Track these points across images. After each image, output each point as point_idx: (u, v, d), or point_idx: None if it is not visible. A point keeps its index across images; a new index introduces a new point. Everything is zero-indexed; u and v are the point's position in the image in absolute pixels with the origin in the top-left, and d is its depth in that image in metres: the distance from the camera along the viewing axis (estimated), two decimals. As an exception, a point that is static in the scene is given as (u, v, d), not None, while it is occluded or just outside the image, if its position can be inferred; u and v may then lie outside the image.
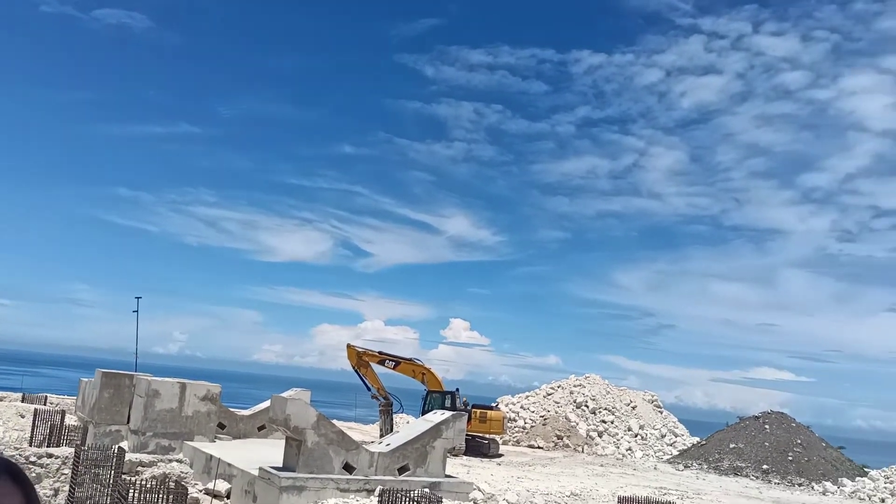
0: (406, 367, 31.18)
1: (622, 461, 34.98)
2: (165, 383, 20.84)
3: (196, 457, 19.39)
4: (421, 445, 17.04)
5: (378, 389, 30.75)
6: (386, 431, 30.20)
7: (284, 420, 15.45)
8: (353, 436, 18.15)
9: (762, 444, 35.01)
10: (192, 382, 21.49)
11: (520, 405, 42.17)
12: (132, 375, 23.28)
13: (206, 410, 21.06)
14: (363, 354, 30.53)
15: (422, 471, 16.88)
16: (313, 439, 15.51)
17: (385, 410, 30.84)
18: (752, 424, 37.44)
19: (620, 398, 43.34)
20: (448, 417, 17.69)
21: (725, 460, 34.50)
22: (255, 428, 23.58)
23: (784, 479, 32.15)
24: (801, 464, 33.35)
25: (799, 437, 35.44)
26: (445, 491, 16.56)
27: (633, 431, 40.15)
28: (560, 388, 43.58)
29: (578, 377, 45.24)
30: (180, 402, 20.67)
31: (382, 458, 16.43)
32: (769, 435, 35.67)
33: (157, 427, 20.22)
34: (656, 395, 47.60)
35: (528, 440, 38.45)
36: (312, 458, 15.48)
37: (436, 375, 31.39)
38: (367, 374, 30.45)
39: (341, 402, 54.59)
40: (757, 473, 32.91)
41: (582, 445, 37.61)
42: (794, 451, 34.16)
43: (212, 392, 21.39)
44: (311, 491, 15.13)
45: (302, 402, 16.11)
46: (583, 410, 40.85)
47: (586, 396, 41.90)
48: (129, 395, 22.39)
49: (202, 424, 20.92)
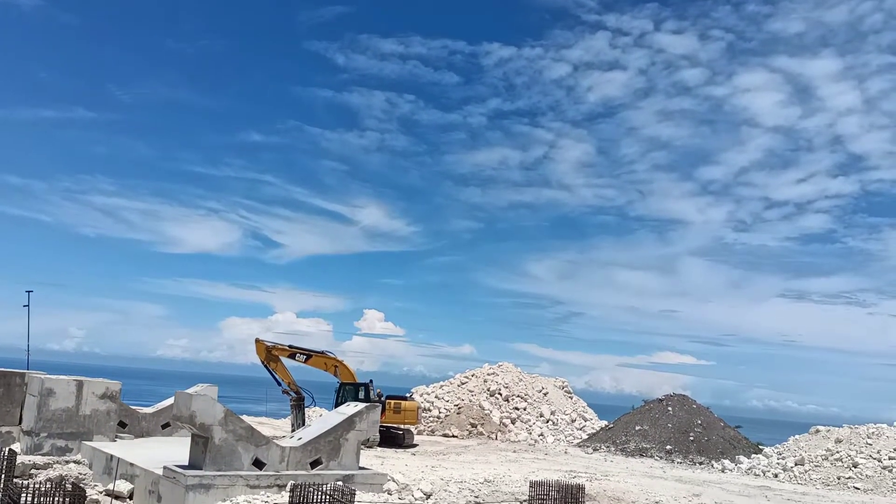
0: (318, 360, 30.75)
1: (534, 446, 35.73)
2: (60, 381, 19.74)
3: (95, 457, 18.49)
4: (334, 438, 16.82)
5: (289, 384, 30.21)
6: (298, 426, 29.72)
7: (189, 417, 14.90)
8: (265, 431, 17.74)
9: (665, 426, 36.51)
10: (90, 380, 20.45)
11: (434, 395, 42.40)
12: (24, 373, 22.01)
13: (105, 409, 20.11)
14: (273, 349, 29.89)
15: (335, 464, 16.67)
16: (221, 436, 15.04)
17: (297, 405, 30.34)
18: (656, 407, 38.99)
19: (532, 385, 44.25)
20: (361, 409, 17.53)
21: (632, 442, 35.80)
22: (159, 426, 22.70)
23: (686, 459, 33.65)
24: (702, 443, 35.00)
25: (699, 418, 37.16)
26: (359, 483, 16.42)
27: (544, 417, 41.08)
28: (474, 377, 44.07)
29: (492, 365, 45.86)
30: (77, 401, 19.64)
31: (294, 453, 16.12)
32: (672, 417, 37.24)
33: (52, 427, 19.15)
34: (567, 381, 48.87)
35: (442, 429, 38.72)
36: (220, 455, 15.01)
37: (348, 367, 31.10)
38: (277, 368, 29.84)
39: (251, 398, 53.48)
40: (661, 454, 34.30)
41: (496, 433, 38.18)
42: (695, 432, 35.80)
43: (111, 389, 20.43)
44: (218, 489, 14.67)
45: (208, 398, 15.58)
46: (496, 398, 41.47)
47: (499, 384, 42.55)
48: (21, 394, 21.16)
49: (101, 423, 19.96)
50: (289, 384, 30.22)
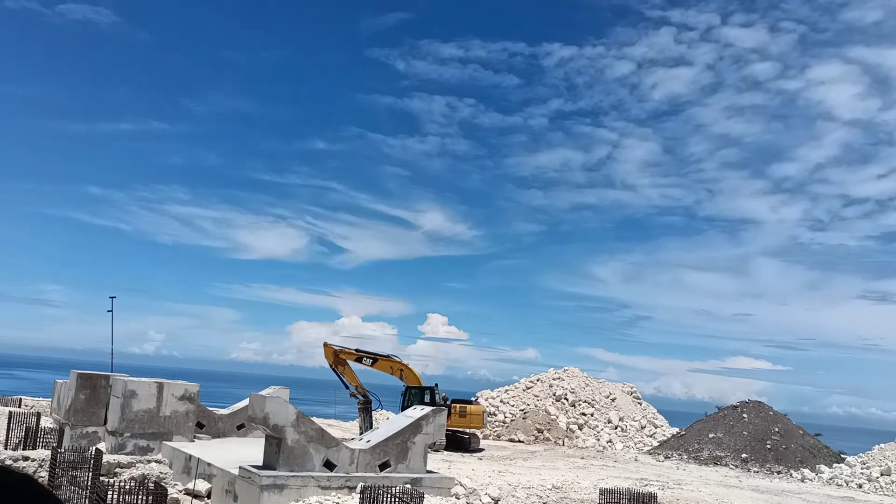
0: (383, 363, 31.05)
1: (603, 453, 35.21)
2: (142, 383, 20.56)
3: (175, 457, 19.16)
4: (401, 441, 16.98)
5: (356, 387, 30.60)
6: (365, 429, 30.07)
7: (263, 418, 15.30)
8: (333, 433, 18.05)
9: (741, 434, 35.42)
10: (170, 382, 21.22)
11: (499, 399, 42.27)
12: (108, 376, 22.94)
13: (184, 410, 20.82)
14: (340, 352, 30.33)
15: (403, 467, 16.83)
16: (293, 437, 15.39)
17: (364, 408, 30.70)
18: (730, 414, 37.87)
19: (600, 390, 43.61)
20: (428, 413, 17.64)
21: (705, 450, 34.86)
22: (235, 427, 23.36)
23: (763, 467, 32.56)
24: (780, 451, 33.80)
25: (776, 426, 35.90)
26: (427, 486, 16.52)
27: (613, 423, 40.42)
28: (539, 382, 43.74)
29: (557, 370, 45.43)
30: (158, 402, 20.41)
31: (363, 455, 16.35)
32: (747, 424, 36.09)
33: (134, 428, 19.96)
34: (635, 386, 47.98)
35: (508, 434, 38.56)
36: (293, 456, 15.36)
37: (414, 371, 31.31)
38: (344, 371, 30.28)
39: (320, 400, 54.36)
40: (736, 462, 33.29)
41: (562, 438, 37.78)
42: (772, 440, 34.60)
43: (190, 391, 21.14)
44: (292, 489, 15.02)
45: (281, 400, 15.98)
46: (562, 403, 41.04)
47: (565, 389, 42.09)
48: (106, 396, 22.06)
49: (181, 424, 20.68)
50: (356, 387, 30.62)
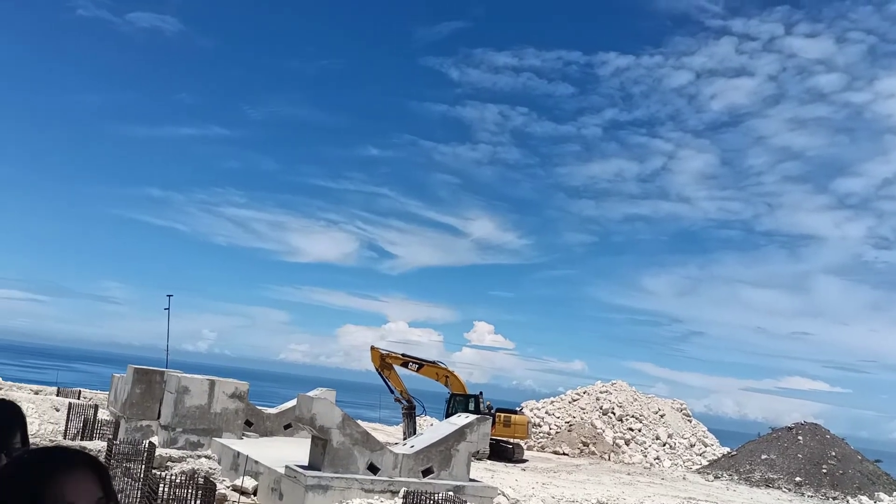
0: (429, 369, 31.14)
1: (650, 470, 34.56)
2: (195, 380, 21.06)
3: (224, 453, 19.56)
4: (445, 448, 17.00)
5: (401, 392, 30.76)
6: (409, 434, 30.17)
7: (310, 419, 15.51)
8: (377, 437, 18.17)
9: (795, 456, 34.35)
10: (221, 380, 21.69)
11: (545, 410, 41.92)
12: (163, 372, 23.56)
13: (234, 408, 21.25)
14: (387, 357, 30.55)
15: (446, 474, 16.83)
16: (338, 439, 15.56)
17: (408, 413, 30.83)
18: (784, 435, 36.77)
19: (648, 406, 42.84)
20: (472, 421, 17.62)
21: (757, 471, 33.90)
22: (282, 426, 23.73)
23: (818, 492, 31.50)
24: (836, 476, 32.65)
25: (833, 450, 34.70)
26: (470, 495, 16.48)
27: (661, 440, 39.64)
28: (586, 394, 43.21)
29: (605, 383, 44.82)
30: (209, 399, 20.88)
31: (407, 460, 16.41)
32: (802, 446, 34.98)
33: (186, 423, 20.44)
34: (685, 403, 47.01)
35: (552, 446, 38.18)
36: (338, 457, 15.53)
37: (459, 378, 31.30)
38: (390, 376, 30.47)
39: (365, 403, 54.78)
40: (789, 486, 32.28)
41: (608, 453, 37.23)
42: (828, 464, 33.44)
43: (240, 389, 21.57)
44: (336, 490, 15.17)
45: (327, 402, 16.18)
46: (609, 417, 40.45)
47: (613, 403, 41.48)
48: (160, 391, 22.66)
49: (230, 421, 21.10)
50: (401, 392, 30.78)
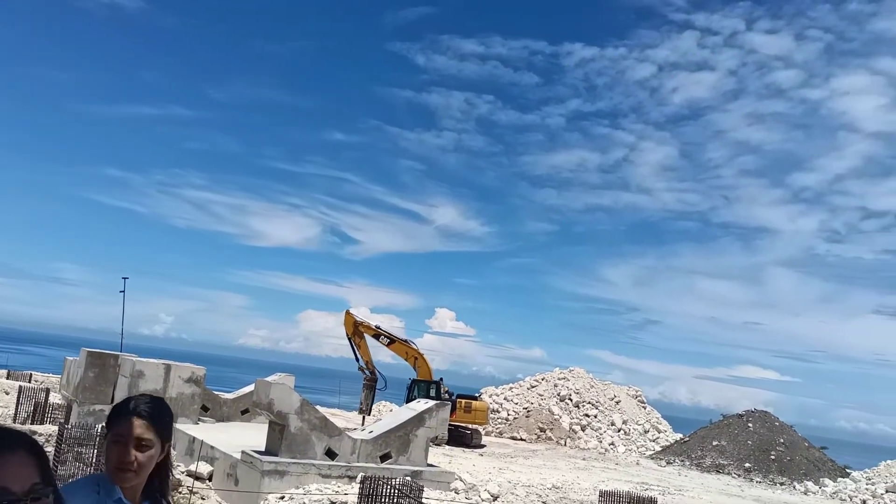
0: (399, 346, 31.09)
1: (604, 455, 35.17)
2: (150, 364, 20.76)
3: (179, 438, 19.33)
4: (404, 434, 17.05)
5: (367, 363, 30.66)
6: (366, 407, 30.26)
7: (268, 404, 15.41)
8: (336, 422, 18.14)
9: (745, 443, 35.27)
10: (177, 364, 21.42)
11: (503, 396, 42.30)
12: (117, 355, 23.19)
13: (190, 392, 21.01)
14: (360, 325, 30.42)
15: (404, 459, 16.90)
16: (296, 424, 15.49)
17: (369, 385, 30.77)
18: (735, 422, 37.70)
19: (604, 392, 43.53)
20: (431, 406, 17.70)
21: (708, 457, 34.74)
22: (239, 411, 23.54)
23: (766, 478, 32.41)
24: (784, 463, 33.63)
25: (782, 437, 35.72)
26: (427, 480, 16.58)
27: (616, 426, 40.35)
28: (544, 381, 43.70)
29: (563, 370, 45.35)
30: (165, 384, 20.60)
31: (365, 445, 16.43)
32: (752, 433, 35.93)
33: (140, 408, 20.14)
34: (640, 390, 47.85)
35: (510, 432, 38.59)
36: (295, 443, 15.46)
37: (427, 362, 31.35)
38: (360, 344, 30.38)
39: (325, 389, 54.64)
40: (739, 471, 33.15)
41: (564, 438, 37.77)
42: (776, 450, 34.43)
43: (196, 374, 21.33)
44: (292, 476, 15.12)
45: (286, 387, 16.08)
46: (566, 404, 41.00)
47: (570, 390, 42.04)
48: (114, 374, 22.30)
49: (186, 406, 20.86)
50: (366, 363, 30.69)
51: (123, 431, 2.61)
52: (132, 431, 2.60)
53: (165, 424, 2.72)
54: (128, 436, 2.60)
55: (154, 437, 2.64)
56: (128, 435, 2.60)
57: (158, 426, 2.67)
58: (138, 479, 2.62)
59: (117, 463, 2.61)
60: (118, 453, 2.60)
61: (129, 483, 2.61)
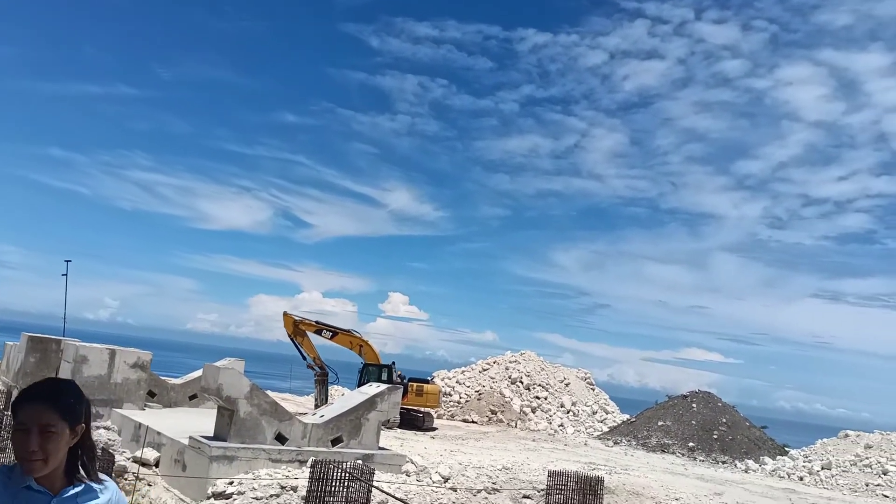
0: (343, 338, 30.99)
1: (554, 437, 35.76)
2: (94, 349, 20.26)
3: (125, 424, 18.96)
4: (355, 417, 17.03)
5: (314, 359, 30.52)
6: (321, 402, 30.07)
7: (216, 389, 15.20)
8: (288, 407, 18.01)
9: (689, 423, 36.26)
10: (122, 349, 20.95)
11: (456, 380, 42.57)
12: (60, 340, 22.60)
13: (136, 378, 20.59)
14: (300, 323, 30.19)
15: (355, 443, 16.89)
16: (245, 409, 15.32)
17: (320, 381, 30.67)
18: (680, 403, 38.70)
19: (554, 375, 44.19)
20: (383, 390, 17.71)
21: (653, 437, 35.63)
22: (187, 397, 23.18)
23: (709, 457, 33.41)
24: (726, 442, 34.70)
25: (724, 417, 36.82)
26: (378, 463, 16.61)
27: (565, 408, 41.04)
28: (496, 364, 44.12)
29: (514, 353, 45.83)
30: (109, 369, 20.15)
31: (316, 430, 16.36)
32: (696, 414, 36.95)
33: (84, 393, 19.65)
34: (589, 372, 48.71)
35: (462, 414, 38.91)
36: (244, 428, 15.30)
37: (373, 348, 31.32)
38: (303, 343, 30.16)
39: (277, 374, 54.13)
40: (683, 450, 34.09)
41: (515, 420, 38.26)
42: (719, 430, 35.50)
43: (142, 359, 20.90)
44: (242, 461, 14.97)
45: (235, 372, 15.89)
46: (517, 386, 41.50)
47: (521, 373, 42.56)
48: (57, 360, 21.74)
49: (132, 392, 20.45)
50: (314, 359, 30.53)
51: (26, 419, 2.48)
52: (35, 418, 2.47)
53: (70, 407, 2.57)
54: (31, 423, 2.47)
55: (59, 421, 2.50)
56: (31, 422, 2.47)
57: (63, 410, 2.52)
58: (48, 468, 2.49)
59: (21, 453, 2.47)
60: (21, 442, 2.47)
61: (38, 473, 2.49)
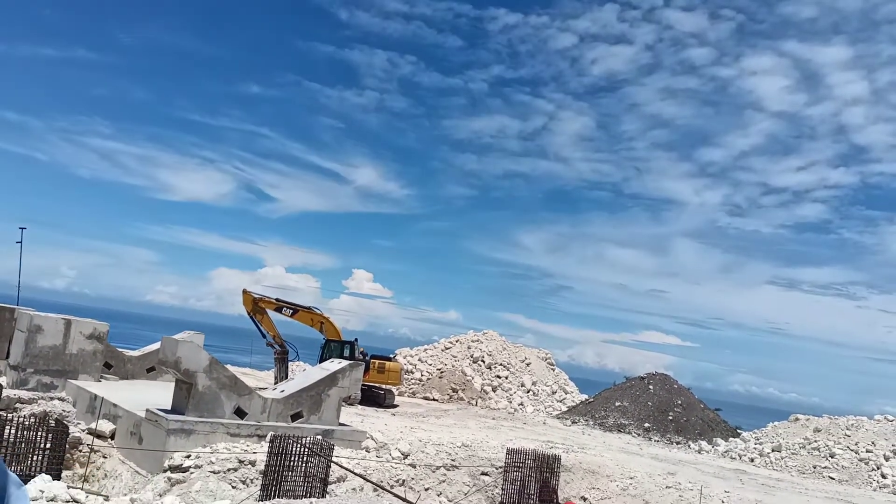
0: (304, 315, 30.77)
1: (514, 415, 36.18)
2: (49, 319, 19.83)
3: (80, 396, 18.66)
4: (316, 393, 17.01)
5: (274, 337, 30.27)
6: (280, 379, 29.86)
7: (175, 362, 15.02)
8: (248, 382, 17.89)
9: (645, 404, 36.98)
10: (79, 319, 20.55)
11: (418, 358, 42.70)
12: (13, 309, 22.08)
13: (91, 349, 20.24)
14: (259, 301, 29.88)
15: (315, 418, 16.88)
16: (204, 383, 15.19)
17: (280, 358, 30.46)
18: (637, 384, 39.42)
19: (516, 355, 44.59)
20: (345, 366, 17.70)
21: (611, 417, 36.27)
22: (144, 369, 22.89)
23: (664, 437, 34.15)
24: (680, 423, 35.50)
25: (680, 398, 37.63)
26: (338, 439, 16.65)
27: (525, 387, 41.50)
28: (458, 343, 44.34)
29: (477, 333, 46.09)
30: (65, 339, 19.76)
31: (276, 405, 16.30)
32: (652, 395, 37.69)
33: (38, 364, 19.29)
34: (550, 353, 49.21)
35: (423, 392, 39.11)
36: (203, 401, 15.17)
37: (334, 325, 31.18)
38: (262, 320, 29.87)
39: (237, 348, 53.60)
40: (639, 431, 34.80)
41: (476, 399, 38.59)
42: (674, 411, 36.28)
43: (99, 330, 20.54)
44: (200, 435, 14.86)
45: (194, 345, 15.71)
46: (479, 365, 41.81)
47: (483, 352, 42.86)
48: (10, 329, 21.24)
49: (87, 363, 20.11)
50: (273, 337, 30.29)
51: None
52: None
53: None
54: None
55: None
56: None
57: None
58: None
59: None
60: None
61: None
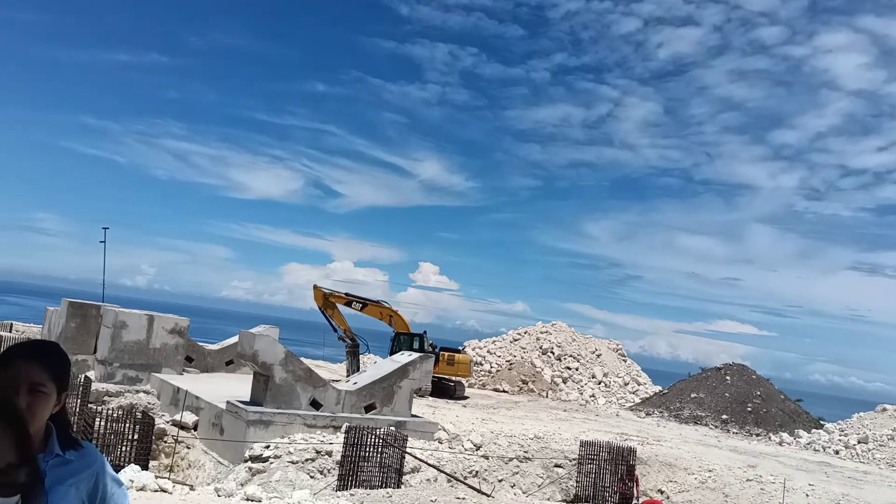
0: (373, 309, 31.12)
1: (585, 407, 35.75)
2: (133, 315, 20.64)
3: (163, 389, 19.36)
4: (388, 385, 17.17)
5: (345, 331, 30.72)
6: (352, 372, 30.29)
7: (252, 355, 15.41)
8: (322, 374, 18.20)
9: (722, 395, 35.96)
10: (160, 315, 21.32)
11: (486, 349, 42.67)
12: (99, 306, 23.04)
13: (173, 343, 20.96)
14: (330, 296, 30.36)
15: (388, 410, 17.05)
16: (281, 375, 15.53)
17: (352, 352, 30.90)
18: (713, 375, 38.36)
19: (586, 346, 44.03)
20: (415, 358, 17.80)
21: (686, 409, 35.42)
22: (223, 362, 23.58)
23: (742, 429, 33.14)
24: (760, 415, 34.37)
25: (758, 389, 36.43)
26: (411, 430, 16.76)
27: (596, 379, 40.95)
28: (526, 335, 44.08)
29: (545, 324, 45.72)
30: (148, 334, 20.53)
31: (349, 396, 16.53)
32: (730, 386, 36.62)
33: (124, 358, 20.11)
34: (621, 343, 48.40)
35: (493, 384, 39.05)
36: (280, 393, 15.52)
37: (403, 318, 31.43)
38: (333, 315, 30.35)
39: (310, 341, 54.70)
40: (716, 423, 33.87)
41: (546, 391, 38.30)
42: (753, 403, 35.16)
43: (180, 325, 21.26)
44: (278, 425, 15.22)
45: (270, 339, 16.08)
46: (548, 357, 41.47)
47: (552, 343, 42.49)
48: (96, 325, 22.19)
49: (170, 357, 20.84)
50: (344, 331, 30.75)
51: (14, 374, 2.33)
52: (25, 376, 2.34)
53: (63, 371, 2.46)
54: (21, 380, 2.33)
55: (49, 382, 2.39)
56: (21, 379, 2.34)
57: (55, 372, 2.41)
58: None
59: None
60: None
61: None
